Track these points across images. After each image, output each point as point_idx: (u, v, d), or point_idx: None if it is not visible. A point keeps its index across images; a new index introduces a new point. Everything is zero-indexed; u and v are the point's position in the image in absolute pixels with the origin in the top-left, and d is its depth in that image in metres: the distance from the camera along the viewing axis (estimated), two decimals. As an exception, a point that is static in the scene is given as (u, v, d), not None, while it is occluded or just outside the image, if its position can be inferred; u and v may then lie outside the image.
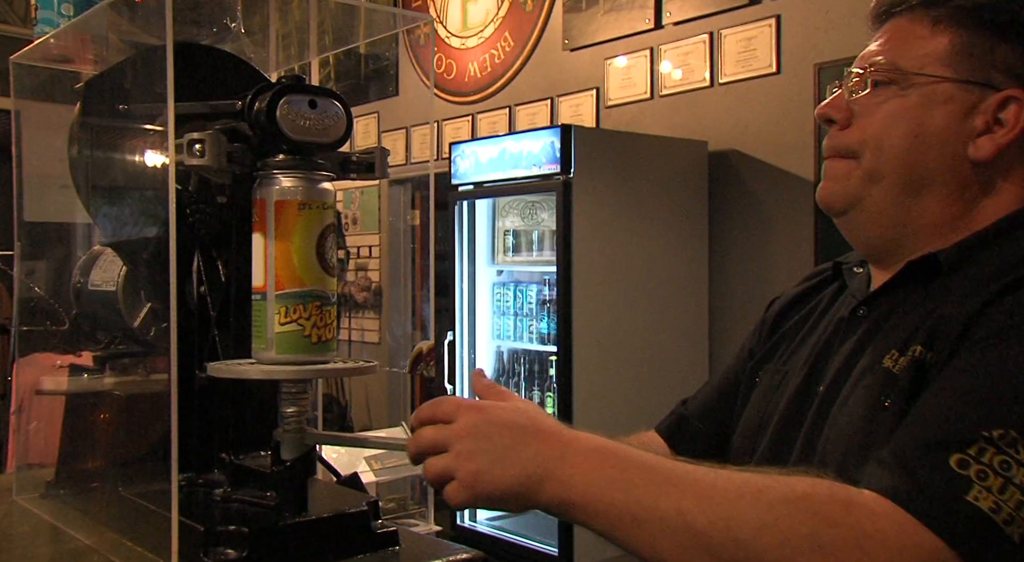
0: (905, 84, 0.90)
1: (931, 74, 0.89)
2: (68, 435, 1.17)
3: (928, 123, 0.89)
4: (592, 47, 4.13)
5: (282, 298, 0.92)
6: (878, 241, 0.95)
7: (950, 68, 0.88)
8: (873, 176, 0.91)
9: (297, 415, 0.95)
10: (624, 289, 3.36)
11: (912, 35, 0.91)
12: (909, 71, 0.89)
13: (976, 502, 0.69)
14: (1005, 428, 0.71)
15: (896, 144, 0.90)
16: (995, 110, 0.87)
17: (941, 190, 0.90)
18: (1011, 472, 0.69)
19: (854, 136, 0.93)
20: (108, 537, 1.00)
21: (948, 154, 0.89)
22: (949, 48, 0.89)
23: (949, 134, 0.88)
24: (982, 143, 0.88)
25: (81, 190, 1.10)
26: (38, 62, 1.19)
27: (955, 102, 0.88)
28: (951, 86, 0.88)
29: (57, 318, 1.33)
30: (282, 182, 0.93)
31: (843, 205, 0.94)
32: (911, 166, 0.90)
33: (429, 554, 0.97)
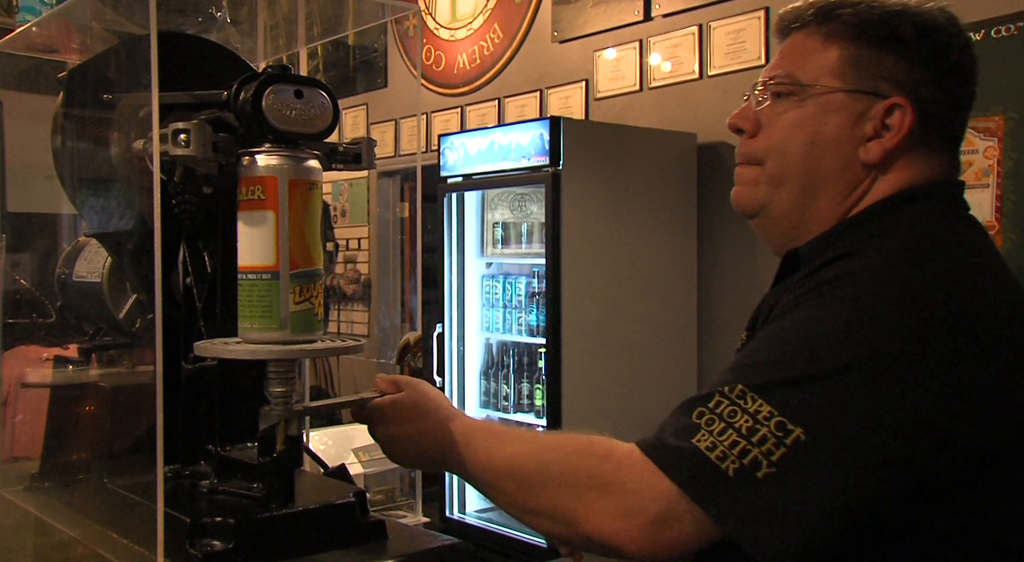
0: (803, 95, 0.97)
1: (824, 85, 0.96)
2: (53, 427, 1.17)
3: (823, 130, 0.96)
4: (581, 39, 4.13)
5: (296, 277, 0.91)
6: (782, 240, 1.02)
7: (841, 79, 0.96)
8: (777, 180, 0.99)
9: (285, 395, 0.94)
10: (613, 281, 3.37)
11: (807, 49, 0.99)
12: (805, 83, 0.97)
13: (697, 443, 0.81)
14: (736, 384, 0.83)
15: (796, 150, 0.97)
16: (882, 116, 0.95)
17: (833, 191, 0.97)
18: (735, 419, 0.81)
19: (760, 144, 1.00)
20: (93, 529, 1.00)
21: (841, 158, 0.96)
22: (839, 61, 0.96)
23: (842, 140, 0.96)
24: (871, 147, 0.95)
25: (65, 181, 1.09)
26: (20, 51, 1.18)
27: (846, 110, 0.96)
28: (842, 96, 0.96)
29: (43, 310, 1.33)
30: (300, 161, 0.92)
31: (753, 208, 1.02)
32: (809, 170, 0.97)
33: (415, 544, 0.97)
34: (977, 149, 2.72)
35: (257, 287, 0.91)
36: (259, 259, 0.91)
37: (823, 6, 0.98)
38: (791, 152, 0.97)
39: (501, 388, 3.69)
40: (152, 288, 0.90)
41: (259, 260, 0.91)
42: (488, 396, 3.77)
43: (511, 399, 3.66)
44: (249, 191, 0.92)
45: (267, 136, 0.92)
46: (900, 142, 0.94)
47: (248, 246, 0.92)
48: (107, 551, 0.93)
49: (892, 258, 0.87)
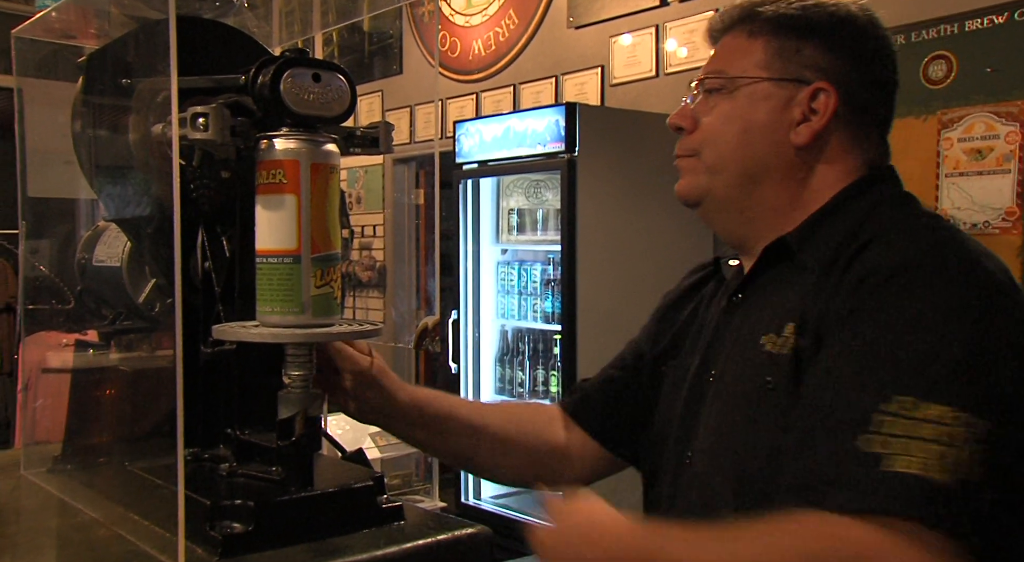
0: (732, 88, 1.04)
1: (751, 76, 1.03)
2: (74, 411, 1.18)
3: (754, 118, 1.03)
4: (597, 25, 4.10)
5: (318, 261, 0.91)
6: (731, 226, 1.07)
7: (766, 70, 1.03)
8: (715, 169, 1.05)
9: (303, 379, 0.94)
10: (628, 268, 3.36)
11: (735, 48, 1.06)
12: (734, 76, 1.04)
13: (893, 468, 0.75)
14: (891, 397, 0.78)
15: (730, 139, 1.04)
16: (808, 101, 1.01)
17: (774, 175, 1.03)
18: (920, 430, 0.76)
19: (697, 137, 1.06)
20: (115, 511, 1.01)
21: (774, 143, 1.02)
22: (763, 53, 1.03)
23: (772, 126, 1.02)
24: (801, 130, 1.01)
25: (85, 166, 1.10)
26: (40, 36, 1.18)
27: (774, 98, 1.02)
28: (769, 85, 1.02)
29: (62, 296, 1.33)
30: (320, 145, 0.92)
31: (696, 197, 1.07)
32: (746, 157, 1.03)
33: (433, 529, 0.97)
34: (998, 134, 2.69)
35: (278, 271, 0.91)
36: (280, 243, 0.91)
37: (746, 8, 1.06)
38: (726, 141, 1.04)
39: (516, 375, 3.70)
40: (171, 272, 0.90)
41: (280, 244, 0.91)
42: (503, 383, 3.77)
43: (526, 386, 3.67)
44: (269, 175, 0.91)
45: (285, 120, 0.92)
46: (827, 123, 1.01)
47: (268, 230, 0.92)
48: (129, 532, 0.94)
49: (935, 240, 0.90)
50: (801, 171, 1.02)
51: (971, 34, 2.76)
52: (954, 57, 2.80)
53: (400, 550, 0.92)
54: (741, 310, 1.04)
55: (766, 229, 1.03)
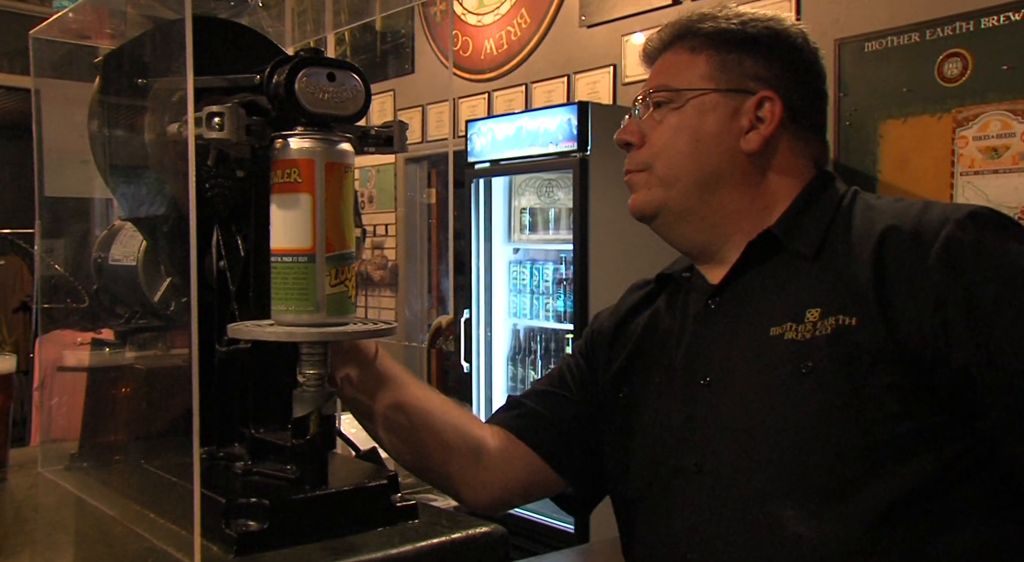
0: (680, 100, 1.07)
1: (698, 88, 1.06)
2: (90, 409, 1.18)
3: (703, 128, 1.06)
4: (609, 23, 4.10)
5: (332, 260, 0.91)
6: (693, 235, 1.09)
7: (712, 81, 1.06)
8: (668, 181, 1.07)
9: (318, 378, 0.94)
10: (640, 267, 3.34)
11: (677, 63, 1.09)
12: (681, 89, 1.07)
13: None
14: None
15: (682, 150, 1.06)
16: (754, 109, 1.05)
17: (730, 181, 1.06)
18: None
19: (646, 151, 1.09)
20: (131, 508, 1.01)
21: (726, 151, 1.06)
22: (707, 66, 1.07)
23: (722, 135, 1.06)
24: (751, 138, 1.05)
25: (101, 165, 1.11)
26: (57, 37, 1.19)
27: (721, 108, 1.06)
28: (716, 96, 1.06)
29: (77, 295, 1.34)
30: (335, 144, 0.92)
31: (652, 210, 1.09)
32: (699, 167, 1.06)
33: (448, 528, 0.97)
34: (1015, 132, 2.67)
35: (293, 270, 0.91)
36: (295, 242, 0.91)
37: (684, 26, 1.10)
38: (678, 151, 1.06)
39: (528, 374, 3.70)
40: (187, 271, 0.91)
41: (295, 243, 0.91)
42: (515, 382, 3.77)
43: (538, 385, 3.66)
44: (284, 174, 0.91)
45: (300, 119, 0.93)
46: (775, 130, 1.05)
47: (283, 229, 0.92)
48: (145, 530, 0.95)
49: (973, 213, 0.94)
50: (756, 175, 1.06)
51: (987, 31, 2.74)
52: (970, 55, 2.78)
53: (414, 549, 0.92)
54: (724, 312, 1.05)
55: (730, 233, 1.06)
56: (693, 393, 1.04)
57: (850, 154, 3.10)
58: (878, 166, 2.99)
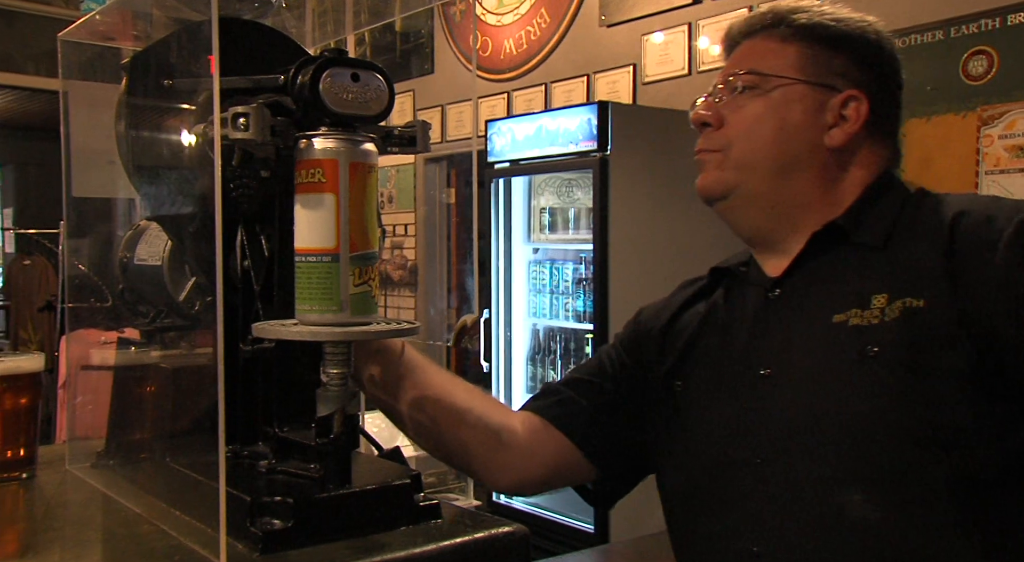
0: (767, 86, 1.07)
1: (788, 77, 1.07)
2: (116, 407, 1.20)
3: (789, 117, 1.06)
4: (629, 23, 4.09)
5: (356, 260, 0.92)
6: (760, 221, 1.09)
7: (801, 73, 1.07)
8: (745, 165, 1.07)
9: (342, 377, 0.95)
10: (661, 267, 3.34)
11: (766, 50, 1.09)
12: (769, 74, 1.07)
13: None
14: None
15: (764, 136, 1.06)
16: (840, 108, 1.06)
17: (807, 173, 1.06)
18: None
19: (725, 133, 1.09)
20: (157, 506, 1.02)
21: (808, 142, 1.06)
22: (798, 57, 1.07)
23: (807, 126, 1.06)
24: (834, 134, 1.06)
25: (128, 166, 1.12)
26: (85, 39, 1.21)
27: (808, 100, 1.06)
28: (804, 87, 1.06)
29: (101, 295, 1.36)
30: (359, 144, 0.92)
31: (722, 191, 1.09)
32: (780, 153, 1.06)
33: (471, 527, 0.97)
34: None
35: (317, 269, 0.91)
36: (319, 241, 0.91)
37: (777, 14, 1.10)
38: (760, 137, 1.07)
39: (548, 373, 3.70)
40: (212, 271, 0.91)
41: (319, 242, 0.91)
42: (535, 382, 3.77)
43: (558, 385, 3.66)
44: (309, 174, 0.92)
45: (324, 119, 0.93)
46: (859, 129, 1.06)
47: (307, 229, 0.92)
48: (171, 528, 0.95)
49: None
50: (832, 169, 1.07)
51: (1013, 29, 2.71)
52: (995, 52, 2.75)
53: (438, 548, 0.92)
54: (784, 303, 1.06)
55: (796, 223, 1.07)
56: (753, 385, 1.04)
57: (873, 153, 3.07)
58: (901, 165, 2.96)
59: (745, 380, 1.06)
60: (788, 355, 1.02)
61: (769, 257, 1.10)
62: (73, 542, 0.95)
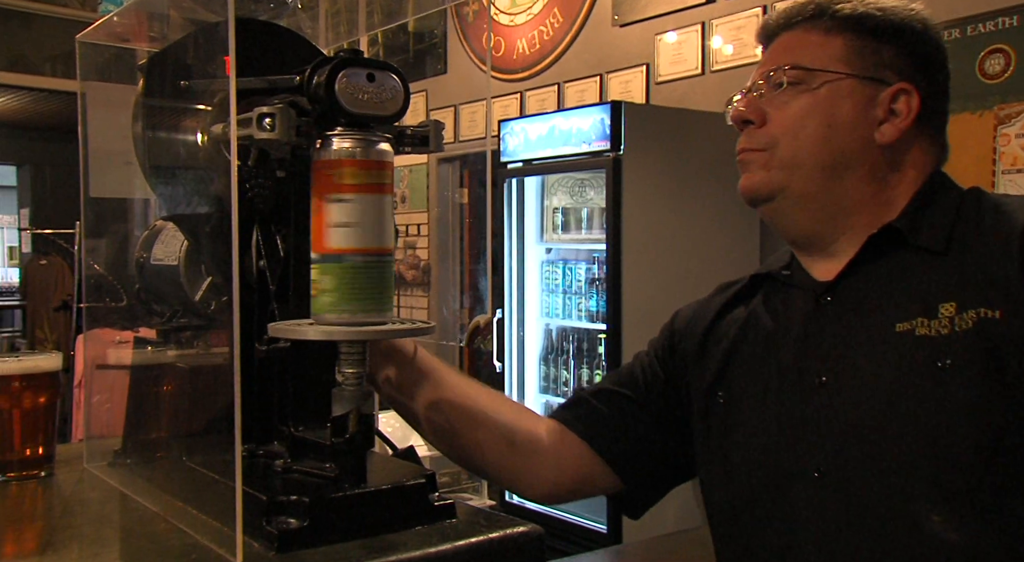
0: (813, 82, 1.02)
1: (835, 71, 1.01)
2: (133, 406, 1.20)
3: (838, 114, 1.01)
4: (642, 23, 4.08)
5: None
6: (809, 223, 1.04)
7: (849, 66, 1.01)
8: (791, 164, 1.02)
9: (357, 376, 0.95)
10: (674, 267, 3.33)
11: (810, 42, 1.04)
12: (815, 69, 1.02)
13: None
14: None
15: (811, 134, 1.01)
16: (890, 102, 1.01)
17: (857, 172, 1.01)
18: None
19: (770, 131, 1.03)
20: (174, 504, 1.02)
21: (858, 139, 1.01)
22: (844, 49, 1.02)
23: (857, 123, 1.01)
24: (885, 130, 1.01)
25: (144, 166, 1.12)
26: (102, 41, 1.21)
27: (857, 95, 1.01)
28: (853, 81, 1.01)
29: (117, 294, 1.36)
30: (372, 144, 0.93)
31: (768, 192, 1.03)
32: (828, 153, 1.01)
33: (486, 527, 0.97)
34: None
35: (368, 270, 0.92)
36: (377, 242, 0.92)
37: (820, 4, 1.04)
38: (807, 135, 1.01)
39: (561, 374, 3.70)
40: (228, 271, 0.92)
41: (377, 243, 0.92)
42: (548, 382, 3.77)
43: (571, 385, 3.66)
44: (368, 175, 0.92)
45: (340, 120, 0.93)
46: (911, 124, 1.01)
47: (362, 229, 0.92)
48: (188, 526, 0.96)
49: None
50: (883, 167, 1.02)
51: (1030, 27, 2.69)
52: (1012, 51, 2.73)
53: (453, 547, 0.92)
54: (839, 309, 1.01)
55: (847, 225, 1.02)
56: (807, 393, 1.00)
57: (888, 152, 3.06)
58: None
59: (798, 389, 1.01)
60: (847, 363, 0.97)
61: (817, 260, 1.05)
62: (91, 540, 0.96)
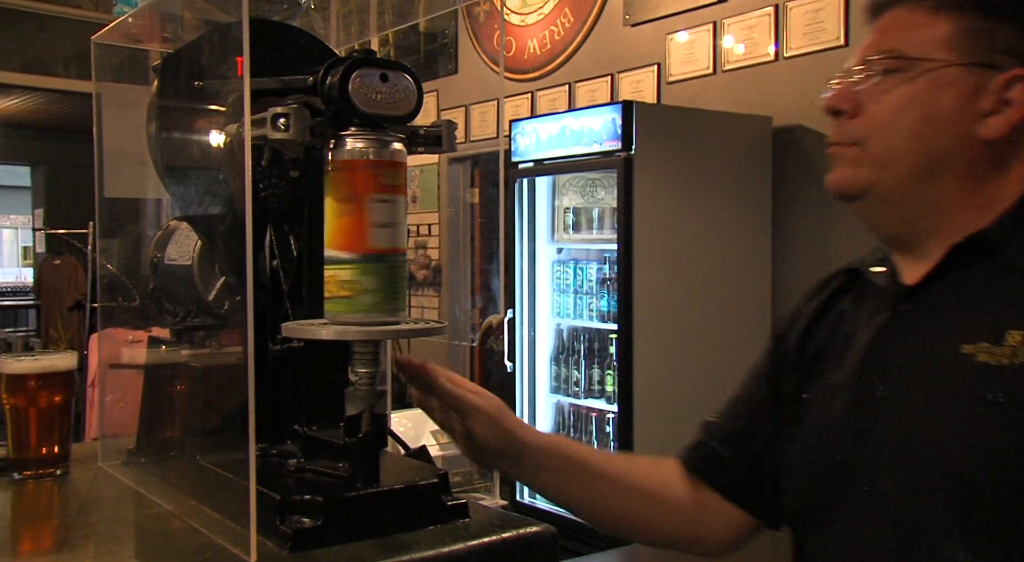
0: (911, 70, 0.91)
1: (936, 59, 0.91)
2: (147, 405, 1.21)
3: (937, 106, 0.91)
4: (653, 22, 4.07)
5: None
6: (898, 224, 0.96)
7: (954, 52, 0.90)
8: (884, 162, 0.93)
9: (370, 376, 0.95)
10: (685, 267, 3.33)
11: (912, 24, 0.93)
12: (914, 57, 0.91)
13: None
14: None
15: (906, 129, 0.92)
16: (1001, 90, 0.89)
17: (954, 170, 0.92)
18: None
19: (861, 124, 0.95)
20: (187, 503, 1.03)
21: (958, 135, 0.91)
22: (951, 33, 0.91)
23: (958, 116, 0.90)
24: (993, 123, 0.90)
25: (159, 167, 1.13)
26: (117, 42, 1.22)
27: (961, 84, 0.90)
28: (956, 70, 0.90)
29: (129, 294, 1.37)
30: (386, 144, 0.93)
31: (857, 190, 0.96)
32: (923, 150, 0.92)
33: (498, 526, 0.97)
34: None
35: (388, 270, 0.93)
36: (395, 242, 0.93)
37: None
38: (900, 131, 0.92)
39: (572, 374, 3.69)
40: (241, 271, 0.92)
41: (395, 243, 0.93)
42: (559, 382, 3.77)
43: (582, 385, 3.66)
44: (388, 175, 0.93)
45: (353, 120, 0.93)
46: None
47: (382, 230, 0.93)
48: (201, 525, 0.96)
49: None
50: (984, 166, 0.91)
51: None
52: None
53: (466, 547, 0.92)
54: (914, 319, 0.93)
55: (938, 227, 0.93)
56: (867, 404, 0.94)
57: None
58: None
59: (859, 398, 0.95)
60: (907, 379, 0.91)
61: (907, 261, 0.97)
62: (107, 538, 0.96)
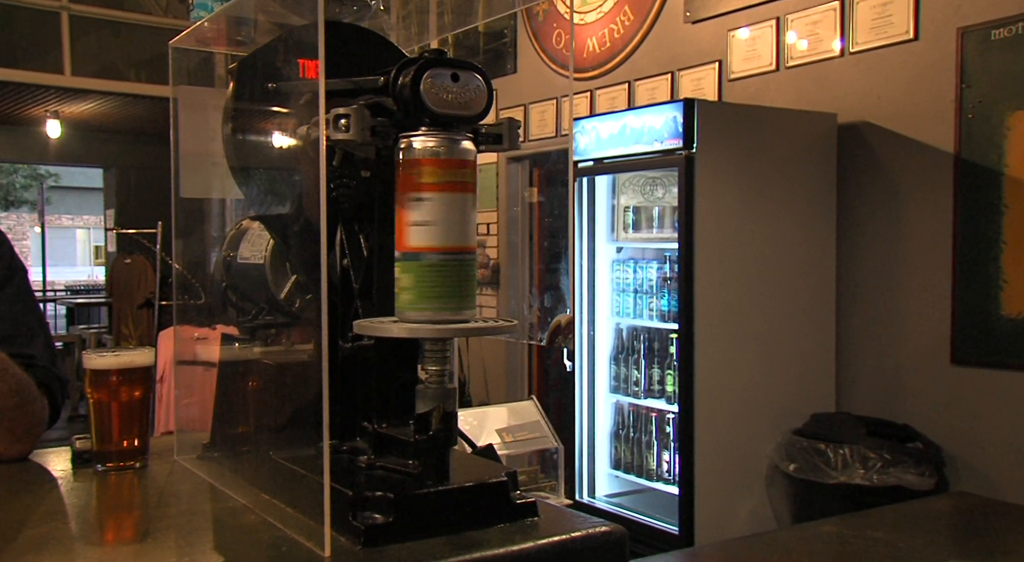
0: None
1: None
2: (221, 401, 1.24)
3: None
4: (714, 19, 4.03)
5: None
6: None
7: None
8: None
9: (440, 374, 0.96)
10: (748, 267, 3.28)
11: None
12: None
13: None
14: None
15: None
16: None
17: None
18: None
19: None
20: (261, 498, 1.05)
21: None
22: None
23: None
24: None
25: (234, 167, 1.15)
26: (194, 46, 1.25)
27: None
28: None
29: (195, 292, 1.40)
30: (456, 143, 0.94)
31: None
32: None
33: (568, 526, 0.97)
34: None
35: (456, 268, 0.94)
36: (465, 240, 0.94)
37: None
38: None
39: (632, 373, 3.67)
40: (312, 270, 0.93)
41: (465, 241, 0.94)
42: (618, 381, 3.75)
43: (641, 385, 3.63)
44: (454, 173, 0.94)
45: (424, 119, 0.94)
46: None
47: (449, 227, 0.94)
48: (275, 519, 0.98)
49: None
50: None
51: None
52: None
53: (536, 546, 0.92)
54: None
55: None
56: None
57: (973, 148, 2.96)
58: (1004, 160, 2.84)
59: None
60: None
61: None
62: (185, 530, 0.99)
